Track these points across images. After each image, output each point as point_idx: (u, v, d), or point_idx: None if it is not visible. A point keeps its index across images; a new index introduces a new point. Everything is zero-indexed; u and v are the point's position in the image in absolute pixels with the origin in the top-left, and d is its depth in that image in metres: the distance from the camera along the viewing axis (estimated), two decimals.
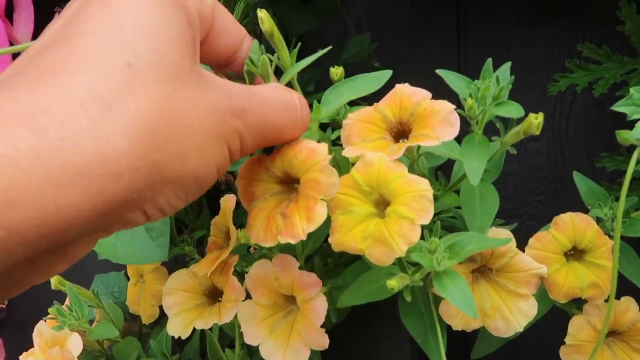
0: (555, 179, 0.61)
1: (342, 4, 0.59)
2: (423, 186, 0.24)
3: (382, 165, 0.25)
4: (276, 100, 0.23)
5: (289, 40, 0.28)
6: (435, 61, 0.62)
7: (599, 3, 0.54)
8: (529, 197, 0.62)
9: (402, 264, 0.27)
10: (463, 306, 0.25)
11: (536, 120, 0.26)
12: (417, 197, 0.24)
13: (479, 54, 0.62)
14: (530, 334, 0.33)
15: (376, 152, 0.25)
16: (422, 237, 0.25)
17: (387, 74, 0.30)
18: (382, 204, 0.25)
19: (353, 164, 0.28)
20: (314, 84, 0.55)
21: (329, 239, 0.26)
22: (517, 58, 0.58)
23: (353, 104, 0.35)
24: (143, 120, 0.18)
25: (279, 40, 0.28)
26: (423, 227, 0.25)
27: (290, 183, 0.26)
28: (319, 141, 0.25)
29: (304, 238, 0.24)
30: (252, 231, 0.25)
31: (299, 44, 0.29)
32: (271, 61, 0.27)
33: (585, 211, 0.33)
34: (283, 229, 0.24)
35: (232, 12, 0.49)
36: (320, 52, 0.28)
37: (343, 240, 0.25)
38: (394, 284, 0.25)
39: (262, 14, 0.27)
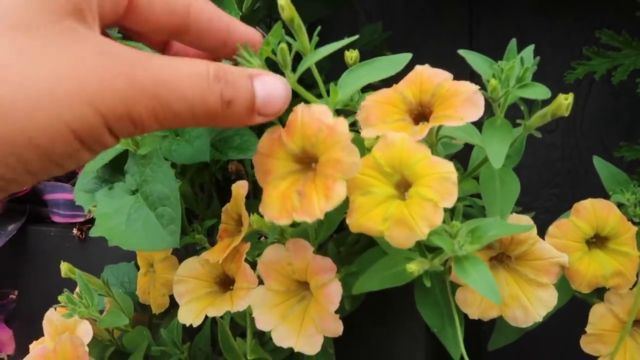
0: (570, 172, 0.60)
1: None
2: (447, 168, 0.23)
3: (405, 146, 0.24)
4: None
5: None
6: (447, 52, 0.61)
7: None
8: (543, 190, 0.61)
9: (422, 249, 0.27)
10: (486, 291, 0.24)
11: (566, 101, 0.25)
12: (441, 180, 0.23)
13: (491, 45, 0.61)
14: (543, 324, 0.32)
15: (398, 133, 0.24)
16: (442, 221, 0.25)
17: (406, 57, 0.29)
18: (403, 187, 0.25)
19: (369, 150, 0.27)
20: (324, 75, 0.54)
21: (347, 220, 0.25)
22: None
23: (364, 91, 0.34)
24: None
25: (299, 27, 0.27)
26: (443, 210, 0.24)
27: (307, 162, 0.25)
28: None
29: (321, 217, 0.23)
30: (267, 209, 0.25)
31: (319, 27, 0.28)
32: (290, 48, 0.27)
33: None
34: (299, 207, 0.23)
35: (242, 0, 0.48)
36: (347, 40, 0.27)
37: (362, 221, 0.24)
38: (414, 268, 0.25)
39: (282, 2, 0.26)
